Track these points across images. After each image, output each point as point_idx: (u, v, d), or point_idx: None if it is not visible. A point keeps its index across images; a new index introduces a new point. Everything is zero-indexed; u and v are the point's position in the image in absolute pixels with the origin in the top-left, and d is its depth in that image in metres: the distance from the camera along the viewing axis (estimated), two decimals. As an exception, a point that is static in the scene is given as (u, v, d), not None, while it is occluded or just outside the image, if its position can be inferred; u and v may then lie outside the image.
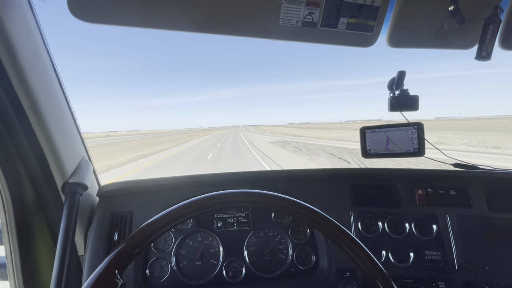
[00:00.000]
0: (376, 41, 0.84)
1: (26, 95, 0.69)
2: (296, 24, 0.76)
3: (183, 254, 0.99)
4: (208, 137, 40.81)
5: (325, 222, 0.53)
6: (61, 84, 0.84)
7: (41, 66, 0.74)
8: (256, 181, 1.09)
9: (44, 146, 0.76)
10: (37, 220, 0.81)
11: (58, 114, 0.81)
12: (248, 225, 1.04)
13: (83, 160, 0.91)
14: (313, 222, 0.54)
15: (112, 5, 0.64)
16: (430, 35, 0.83)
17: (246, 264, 0.98)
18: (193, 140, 34.56)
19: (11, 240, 0.75)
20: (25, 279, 0.77)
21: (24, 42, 0.67)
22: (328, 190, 1.06)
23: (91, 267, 0.86)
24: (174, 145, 24.96)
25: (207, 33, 0.76)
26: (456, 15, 0.72)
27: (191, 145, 25.05)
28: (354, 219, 1.01)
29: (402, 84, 1.07)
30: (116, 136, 76.19)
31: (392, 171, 1.10)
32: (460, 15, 0.72)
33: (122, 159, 14.72)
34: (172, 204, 0.54)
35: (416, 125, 1.05)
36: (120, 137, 62.98)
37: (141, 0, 0.63)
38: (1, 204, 0.74)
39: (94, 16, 0.64)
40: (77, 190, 0.81)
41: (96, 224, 0.93)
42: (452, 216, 0.98)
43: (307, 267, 0.99)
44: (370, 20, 0.78)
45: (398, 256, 0.96)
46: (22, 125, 0.72)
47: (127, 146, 26.81)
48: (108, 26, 0.67)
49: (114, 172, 10.35)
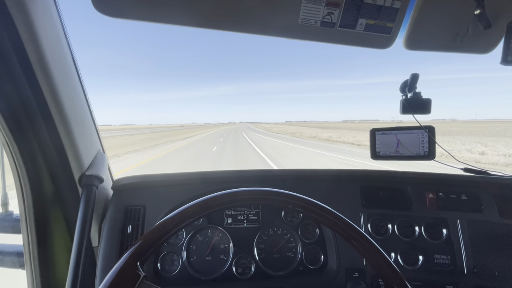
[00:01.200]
0: (393, 43, 0.84)
1: (49, 89, 0.70)
2: (315, 24, 0.76)
3: (194, 249, 1.00)
4: (187, 142, 23.17)
5: (351, 230, 0.53)
6: (80, 77, 0.85)
7: (63, 60, 0.75)
8: (267, 179, 1.10)
9: (64, 138, 0.77)
10: (54, 210, 0.83)
11: (77, 106, 0.82)
12: (258, 222, 1.05)
13: (99, 153, 0.92)
14: (337, 227, 0.54)
15: (133, 0, 0.64)
16: (449, 39, 0.83)
17: (256, 261, 0.99)
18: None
19: (29, 230, 0.77)
20: (41, 268, 0.78)
21: (48, 36, 0.68)
22: (338, 191, 1.07)
23: (105, 259, 0.88)
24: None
25: (225, 30, 0.77)
26: (482, 19, 0.72)
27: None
28: (364, 221, 1.01)
29: (415, 86, 1.07)
30: (109, 131, 68.65)
31: (403, 173, 1.10)
32: (486, 19, 0.72)
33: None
34: (184, 199, 0.53)
35: (428, 128, 1.05)
36: (115, 132, 57.90)
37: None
38: (20, 194, 0.75)
39: (116, 10, 0.65)
40: (94, 182, 0.83)
41: (110, 216, 0.94)
42: (463, 221, 0.98)
43: (315, 266, 1.00)
44: (388, 21, 0.78)
45: (407, 258, 0.96)
46: (43, 117, 0.74)
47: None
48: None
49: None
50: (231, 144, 20.53)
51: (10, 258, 0.87)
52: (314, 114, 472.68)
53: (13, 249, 0.88)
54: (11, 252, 0.87)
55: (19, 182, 0.75)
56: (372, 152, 1.10)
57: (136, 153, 15.80)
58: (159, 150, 17.67)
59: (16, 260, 0.85)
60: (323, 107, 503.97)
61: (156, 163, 11.83)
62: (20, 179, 0.74)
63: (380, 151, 1.10)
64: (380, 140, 1.10)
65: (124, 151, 16.34)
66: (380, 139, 1.10)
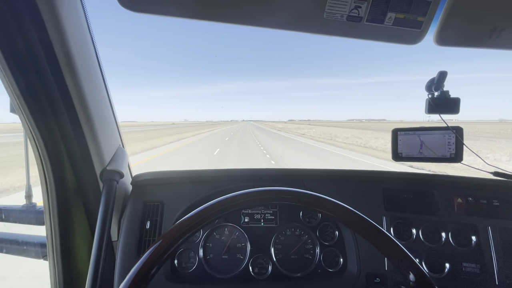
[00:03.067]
0: (423, 38, 0.80)
1: (74, 84, 0.71)
2: (341, 19, 0.73)
3: (210, 247, 0.99)
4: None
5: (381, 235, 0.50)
6: (102, 74, 0.86)
7: (88, 57, 0.77)
8: (286, 179, 1.08)
9: (87, 134, 0.78)
10: (76, 204, 0.84)
11: (100, 103, 0.83)
12: (275, 222, 1.03)
13: (119, 148, 0.93)
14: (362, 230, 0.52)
15: None
16: (484, 34, 0.78)
17: (273, 261, 0.97)
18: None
19: (52, 222, 0.79)
20: (63, 259, 0.80)
21: (74, 33, 0.69)
22: (360, 193, 1.03)
23: (124, 253, 0.88)
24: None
25: (249, 25, 0.75)
26: None
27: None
28: (387, 224, 0.98)
29: (443, 85, 1.02)
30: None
31: (429, 176, 1.05)
32: None
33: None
34: (202, 196, 0.51)
35: (455, 129, 1.00)
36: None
37: None
38: (44, 187, 0.77)
39: (140, 5, 0.65)
40: (114, 177, 0.84)
41: (129, 212, 0.95)
42: (495, 228, 0.92)
43: (334, 269, 0.97)
44: (419, 15, 0.74)
45: (432, 266, 0.92)
46: (68, 113, 0.75)
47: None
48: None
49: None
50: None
51: (34, 249, 0.89)
52: (318, 113, 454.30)
53: (37, 240, 0.91)
54: (35, 243, 0.90)
55: (43, 175, 0.76)
56: (394, 153, 1.06)
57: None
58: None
59: (40, 251, 0.88)
60: (326, 106, 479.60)
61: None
62: (45, 173, 0.76)
63: (402, 152, 1.06)
64: (403, 141, 1.06)
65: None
66: (403, 140, 1.06)
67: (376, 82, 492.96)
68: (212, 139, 25.55)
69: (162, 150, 16.23)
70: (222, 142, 22.44)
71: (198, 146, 19.90)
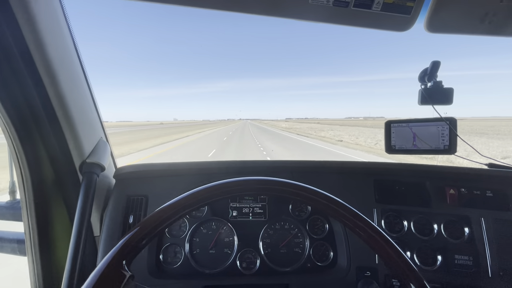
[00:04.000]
0: (413, 25, 0.77)
1: (48, 75, 0.69)
2: (327, 3, 0.70)
3: (197, 242, 0.97)
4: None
5: (364, 225, 0.48)
6: (81, 63, 0.83)
7: (62, 43, 0.73)
8: (275, 170, 1.05)
9: (64, 125, 0.76)
10: (55, 198, 0.82)
11: (78, 93, 0.80)
12: (264, 216, 1.01)
13: (101, 141, 0.91)
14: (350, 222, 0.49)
15: None
16: (476, 20, 0.75)
17: (261, 255, 0.95)
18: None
19: (30, 217, 0.76)
20: (42, 256, 0.77)
21: (48, 22, 0.66)
22: (350, 184, 1.01)
23: (106, 248, 0.86)
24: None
25: (230, 11, 0.72)
26: None
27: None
28: (378, 217, 0.95)
29: (436, 75, 1.00)
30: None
31: (421, 167, 1.03)
32: None
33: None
34: (186, 190, 0.50)
35: (449, 120, 0.98)
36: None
37: None
38: (20, 179, 0.74)
39: None
40: (95, 170, 0.81)
41: (112, 206, 0.92)
42: (488, 219, 0.90)
43: (324, 263, 0.95)
44: (408, 1, 0.71)
45: (424, 258, 0.89)
46: (43, 103, 0.72)
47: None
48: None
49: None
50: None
51: (10, 245, 0.87)
52: (315, 111, 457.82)
53: (14, 236, 0.88)
54: (11, 239, 0.88)
55: (19, 169, 0.74)
56: (387, 146, 1.04)
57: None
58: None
59: (17, 247, 0.85)
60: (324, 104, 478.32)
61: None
62: (20, 167, 0.73)
63: (395, 145, 1.04)
64: (396, 133, 1.04)
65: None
66: (396, 132, 1.04)
67: (374, 80, 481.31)
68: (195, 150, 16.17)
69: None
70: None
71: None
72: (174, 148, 17.38)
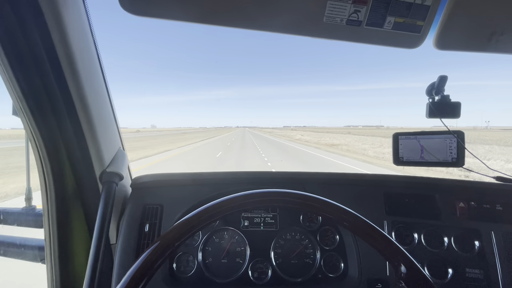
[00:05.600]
0: (422, 42, 0.80)
1: (75, 87, 0.72)
2: (341, 22, 0.74)
3: (209, 251, 0.98)
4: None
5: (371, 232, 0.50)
6: (104, 76, 0.87)
7: (89, 59, 0.77)
8: (287, 182, 1.07)
9: (87, 135, 0.78)
10: (75, 206, 0.84)
11: (101, 105, 0.83)
12: (275, 226, 1.02)
13: (120, 150, 0.93)
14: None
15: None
16: (483, 38, 0.78)
17: (272, 266, 0.96)
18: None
19: (51, 225, 0.78)
20: (61, 263, 0.79)
21: (77, 35, 0.70)
22: (360, 196, 1.02)
23: (122, 257, 0.88)
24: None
25: (248, 28, 0.76)
26: None
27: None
28: (388, 229, 0.96)
29: (443, 89, 1.02)
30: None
31: (430, 180, 1.04)
32: None
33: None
34: (201, 200, 0.51)
35: (456, 133, 1.00)
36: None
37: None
38: (44, 189, 0.77)
39: (142, 9, 0.66)
40: (114, 179, 0.83)
41: (128, 214, 0.94)
42: (498, 233, 0.91)
43: (335, 274, 0.96)
44: (418, 20, 0.75)
45: (435, 271, 0.90)
46: (69, 114, 0.75)
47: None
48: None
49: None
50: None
51: (31, 252, 0.88)
52: (314, 119, 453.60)
53: (35, 243, 0.90)
54: (32, 246, 0.89)
55: (43, 177, 0.76)
56: (395, 158, 1.06)
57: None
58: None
59: (37, 254, 0.87)
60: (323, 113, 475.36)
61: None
62: (44, 174, 0.76)
63: (403, 157, 1.05)
64: (404, 145, 1.06)
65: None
66: (404, 144, 1.06)
67: (373, 89, 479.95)
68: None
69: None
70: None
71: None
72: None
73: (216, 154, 16.86)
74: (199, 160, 14.81)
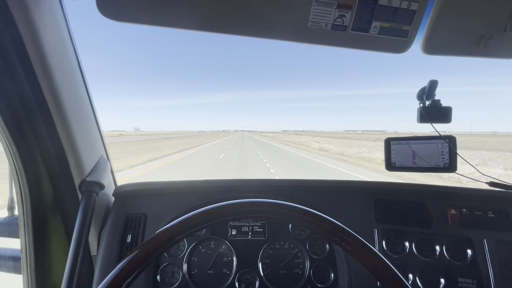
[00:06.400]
0: (409, 47, 0.79)
1: (50, 91, 0.69)
2: (325, 27, 0.72)
3: (195, 261, 0.95)
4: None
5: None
6: (85, 81, 0.84)
7: (65, 61, 0.74)
8: (275, 189, 1.04)
9: (65, 142, 0.76)
10: (53, 216, 0.81)
11: (80, 111, 0.81)
12: (263, 235, 0.99)
13: (102, 158, 0.91)
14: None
15: (137, 4, 0.63)
16: (471, 43, 0.77)
17: (260, 276, 0.93)
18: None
19: (27, 235, 0.75)
20: (37, 274, 0.76)
21: (51, 36, 0.67)
22: (350, 204, 1.00)
23: (103, 268, 0.85)
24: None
25: (231, 34, 0.74)
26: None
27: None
28: (378, 237, 0.94)
29: (434, 94, 1.01)
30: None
31: (421, 187, 1.02)
32: None
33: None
34: (185, 209, 0.49)
35: (448, 138, 0.98)
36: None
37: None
38: (20, 197, 0.74)
39: (120, 14, 0.64)
40: (94, 189, 0.81)
41: (110, 224, 0.91)
42: (490, 241, 0.88)
43: (324, 285, 0.93)
44: (405, 24, 0.73)
45: (426, 281, 0.87)
46: (44, 120, 0.72)
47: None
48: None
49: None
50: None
51: (6, 263, 0.85)
52: (313, 123, 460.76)
53: (10, 253, 0.87)
54: (7, 256, 0.86)
55: (18, 185, 0.74)
56: (387, 163, 1.04)
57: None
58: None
59: (12, 265, 0.84)
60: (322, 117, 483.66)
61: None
62: (20, 183, 0.73)
63: (395, 162, 1.03)
64: (396, 150, 1.04)
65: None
66: (396, 149, 1.04)
67: (374, 93, 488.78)
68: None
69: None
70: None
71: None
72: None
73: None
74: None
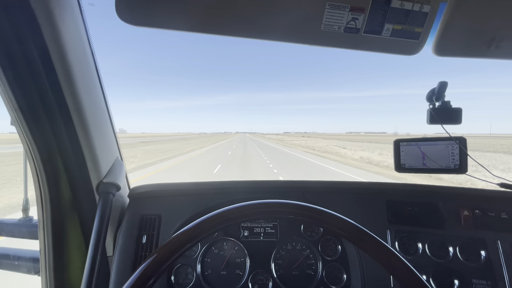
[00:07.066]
0: (421, 49, 0.80)
1: (71, 93, 0.71)
2: (338, 30, 0.74)
3: (209, 262, 0.96)
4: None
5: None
6: (101, 85, 0.86)
7: (86, 67, 0.76)
8: (286, 191, 1.05)
9: (84, 144, 0.77)
10: (71, 217, 0.82)
11: (98, 114, 0.83)
12: (275, 236, 1.00)
13: (117, 160, 0.92)
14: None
15: (157, 9, 0.65)
16: (483, 44, 0.78)
17: (273, 277, 0.93)
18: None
19: (46, 236, 0.77)
20: (56, 275, 0.77)
21: (73, 44, 0.70)
22: (362, 205, 1.00)
23: (119, 269, 0.85)
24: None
25: (247, 37, 0.76)
26: None
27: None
28: (391, 238, 0.94)
29: (443, 95, 1.01)
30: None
31: (434, 188, 1.02)
32: None
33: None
34: (199, 210, 0.49)
35: (458, 139, 0.98)
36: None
37: (188, 4, 0.64)
38: (39, 200, 0.75)
39: (139, 19, 0.65)
40: (111, 190, 0.82)
41: (126, 225, 0.92)
42: (504, 242, 0.88)
43: (337, 286, 0.93)
44: (417, 26, 0.75)
45: (440, 282, 0.87)
46: (64, 122, 0.74)
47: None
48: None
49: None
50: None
51: (25, 264, 0.87)
52: (315, 125, 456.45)
53: (29, 255, 0.88)
54: (27, 257, 0.87)
55: (38, 188, 0.75)
56: (397, 164, 1.04)
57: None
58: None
59: (32, 266, 0.85)
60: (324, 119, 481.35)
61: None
62: (40, 185, 0.75)
63: (405, 163, 1.04)
64: (405, 152, 1.04)
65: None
66: (405, 151, 1.04)
67: (376, 95, 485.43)
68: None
69: None
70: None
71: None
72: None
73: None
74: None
